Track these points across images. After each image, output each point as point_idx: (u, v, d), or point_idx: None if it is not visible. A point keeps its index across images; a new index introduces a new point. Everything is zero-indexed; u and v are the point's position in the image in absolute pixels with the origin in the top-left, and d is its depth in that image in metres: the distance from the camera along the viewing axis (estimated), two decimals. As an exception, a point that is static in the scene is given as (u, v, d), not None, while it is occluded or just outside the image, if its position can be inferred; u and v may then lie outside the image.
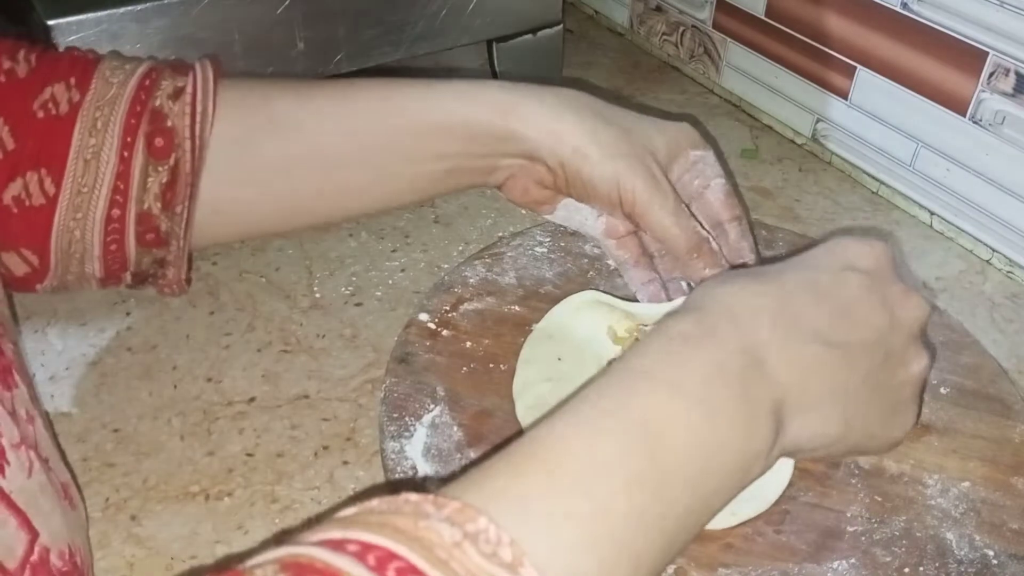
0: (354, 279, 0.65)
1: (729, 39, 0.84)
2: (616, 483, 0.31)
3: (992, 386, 0.53)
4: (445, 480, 0.32)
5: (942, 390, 0.52)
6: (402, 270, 0.66)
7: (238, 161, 0.49)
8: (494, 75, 0.79)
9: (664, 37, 0.92)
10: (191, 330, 0.60)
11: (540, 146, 0.48)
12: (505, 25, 0.75)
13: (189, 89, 0.48)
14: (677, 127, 0.52)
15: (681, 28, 0.89)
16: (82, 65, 0.48)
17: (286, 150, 0.49)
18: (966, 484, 0.47)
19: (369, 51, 0.69)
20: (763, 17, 0.80)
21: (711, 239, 0.50)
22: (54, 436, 0.48)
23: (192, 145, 0.47)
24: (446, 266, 0.65)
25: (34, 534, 0.36)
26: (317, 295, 0.63)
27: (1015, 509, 0.46)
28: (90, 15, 0.58)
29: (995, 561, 0.44)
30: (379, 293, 0.64)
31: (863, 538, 0.45)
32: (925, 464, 0.48)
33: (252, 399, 0.56)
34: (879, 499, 0.46)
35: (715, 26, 0.85)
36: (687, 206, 0.50)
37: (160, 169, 0.47)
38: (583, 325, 0.53)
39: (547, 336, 0.53)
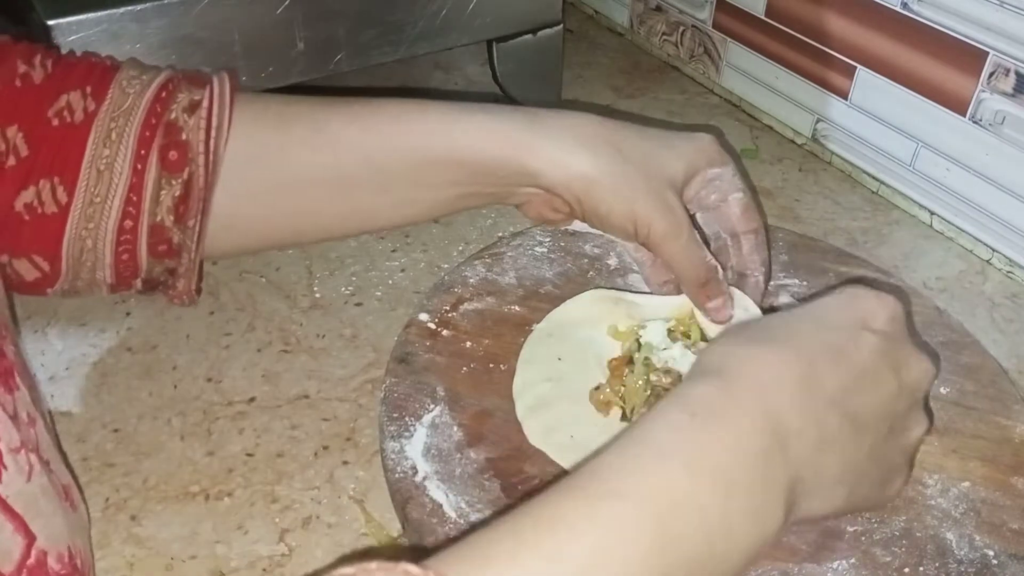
0: (354, 279, 0.65)
1: (729, 39, 0.84)
2: (618, 572, 0.30)
3: (992, 386, 0.53)
4: (436, 548, 0.30)
5: (942, 390, 0.52)
6: (402, 270, 0.66)
7: (252, 178, 0.49)
8: (494, 75, 0.79)
9: (664, 37, 0.92)
10: (191, 330, 0.60)
11: (556, 183, 0.48)
12: (505, 25, 0.75)
13: (205, 104, 0.47)
14: (696, 147, 0.51)
15: (681, 28, 0.89)
16: (99, 73, 0.47)
17: (300, 171, 0.49)
18: (966, 484, 0.47)
19: (369, 51, 0.69)
20: (763, 17, 0.80)
21: (719, 269, 0.50)
22: (56, 437, 0.48)
23: (206, 160, 0.47)
24: (446, 266, 0.65)
25: (31, 538, 0.36)
26: (317, 295, 0.63)
27: (1015, 509, 0.46)
28: (90, 15, 0.58)
29: (995, 561, 0.44)
30: (379, 293, 0.64)
31: (863, 538, 0.45)
32: (925, 464, 0.48)
33: (252, 399, 0.56)
34: (879, 499, 0.46)
35: (715, 26, 0.85)
36: (698, 221, 0.50)
37: (173, 182, 0.47)
38: (584, 325, 0.53)
39: (547, 335, 0.54)
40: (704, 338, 0.51)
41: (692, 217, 0.51)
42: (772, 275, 0.55)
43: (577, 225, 0.52)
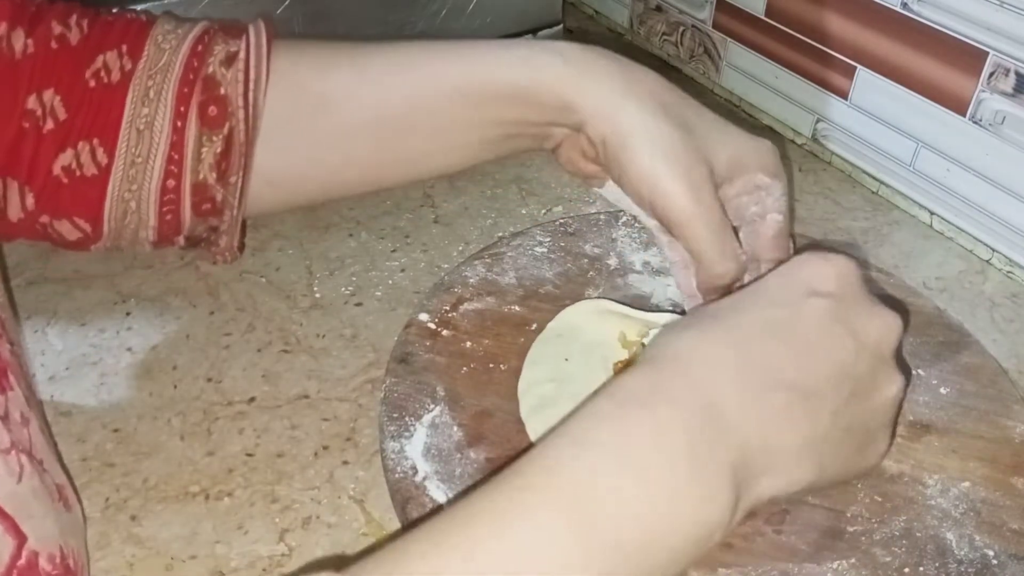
0: (354, 279, 0.65)
1: (729, 39, 0.84)
2: (537, 567, 0.30)
3: (992, 386, 0.53)
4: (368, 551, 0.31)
5: (942, 390, 0.52)
6: (402, 270, 0.66)
7: (292, 131, 0.48)
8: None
9: (664, 37, 0.92)
10: (191, 330, 0.60)
11: (586, 119, 0.45)
12: (505, 25, 0.75)
13: (242, 55, 0.46)
14: (752, 145, 0.47)
15: (681, 28, 0.89)
16: (135, 30, 0.46)
17: (343, 120, 0.47)
18: (966, 484, 0.47)
19: (369, 51, 0.69)
20: (763, 17, 0.80)
21: (746, 268, 0.47)
22: (51, 437, 0.48)
23: (246, 114, 0.46)
24: (446, 266, 0.65)
25: (22, 539, 0.36)
26: (317, 295, 0.63)
27: (1015, 509, 0.46)
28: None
29: (995, 561, 0.44)
30: (379, 293, 0.64)
31: (863, 538, 0.45)
32: (925, 464, 0.48)
33: (252, 399, 0.56)
34: (879, 499, 0.46)
35: (715, 26, 0.85)
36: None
37: (214, 139, 0.46)
38: (595, 328, 0.53)
39: (556, 335, 0.53)
40: None
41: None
42: None
43: (607, 190, 0.49)
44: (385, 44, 0.49)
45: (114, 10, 0.48)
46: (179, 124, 0.45)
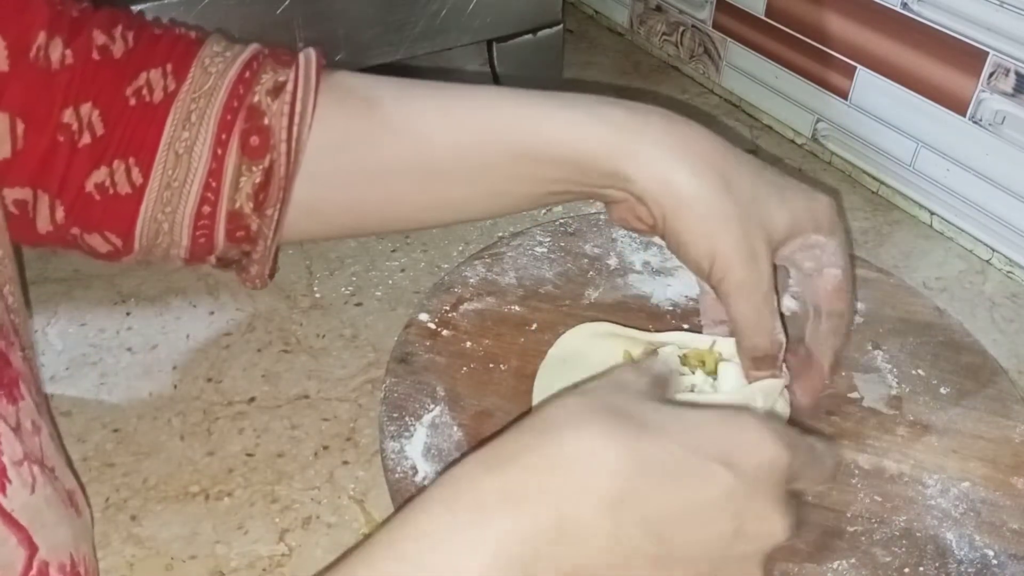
0: (354, 279, 0.65)
1: (729, 39, 0.84)
2: None
3: (992, 386, 0.53)
4: None
5: (942, 390, 0.52)
6: (402, 270, 0.66)
7: (335, 166, 0.47)
8: (494, 75, 0.79)
9: (664, 37, 0.92)
10: (191, 330, 0.60)
11: (646, 194, 0.44)
12: (505, 25, 0.75)
13: (289, 87, 0.45)
14: (807, 204, 0.45)
15: (681, 28, 0.89)
16: (182, 48, 0.46)
17: (386, 159, 0.47)
18: (966, 484, 0.47)
19: (369, 51, 0.69)
20: (763, 17, 0.79)
21: (783, 346, 0.46)
22: (60, 441, 0.48)
23: (288, 148, 0.45)
24: (446, 266, 0.65)
25: (33, 549, 0.35)
26: (317, 295, 0.63)
27: (1015, 509, 0.46)
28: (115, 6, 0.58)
29: (995, 561, 0.44)
30: (379, 293, 0.64)
31: (863, 538, 0.45)
32: (925, 464, 0.48)
33: (252, 399, 0.56)
34: (879, 499, 0.46)
35: (715, 26, 0.85)
36: (788, 283, 0.46)
37: (254, 169, 0.45)
38: (598, 350, 0.52)
39: (560, 361, 0.52)
40: (715, 368, 0.48)
41: (776, 277, 0.46)
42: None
43: (658, 241, 0.48)
44: (436, 85, 0.48)
45: (164, 22, 0.48)
46: (219, 152, 0.45)
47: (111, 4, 0.57)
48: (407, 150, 0.46)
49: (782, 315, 0.46)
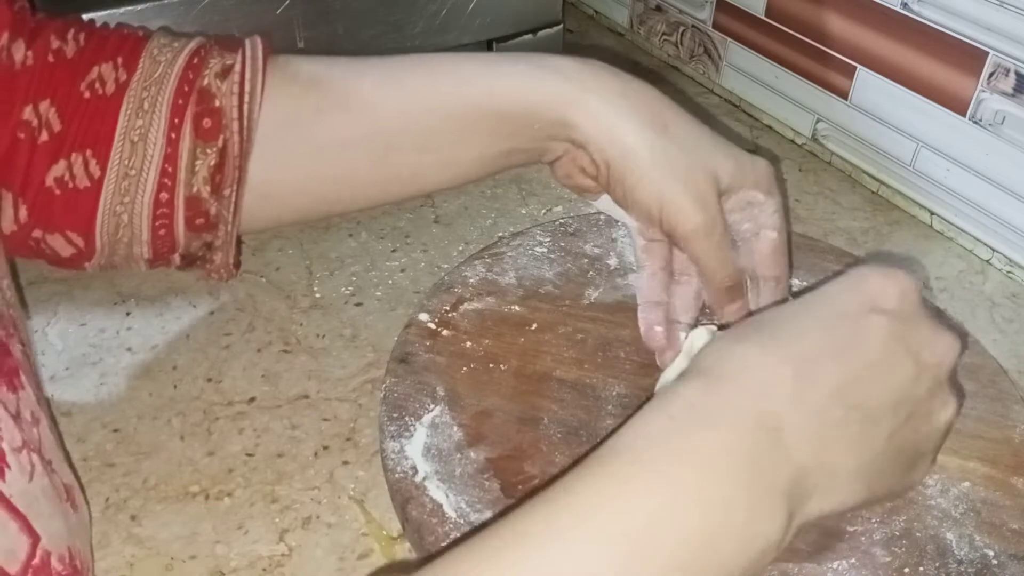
0: (354, 279, 0.65)
1: (729, 39, 0.84)
2: None
3: (992, 386, 0.53)
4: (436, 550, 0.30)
5: (942, 390, 0.52)
6: (402, 270, 0.66)
7: (287, 144, 0.47)
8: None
9: (664, 37, 0.92)
10: (191, 330, 0.60)
11: (589, 140, 0.45)
12: (505, 25, 0.75)
13: (237, 68, 0.46)
14: (750, 161, 0.48)
15: (681, 28, 0.89)
16: (131, 43, 0.46)
17: (337, 133, 0.47)
18: (966, 484, 0.47)
19: (369, 51, 0.69)
20: (763, 17, 0.80)
21: (744, 273, 0.48)
22: (59, 437, 0.48)
23: (240, 127, 0.46)
24: (446, 266, 0.65)
25: (36, 538, 0.36)
26: (317, 295, 0.63)
27: (1015, 509, 0.46)
28: (90, 15, 0.58)
29: (995, 561, 0.44)
30: (379, 293, 0.64)
31: (863, 538, 0.45)
32: (925, 464, 0.48)
33: (252, 399, 0.56)
34: (879, 499, 0.46)
35: (715, 26, 0.85)
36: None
37: (208, 151, 0.46)
38: None
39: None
40: None
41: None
42: None
43: (601, 203, 0.50)
44: (382, 58, 0.49)
45: (111, 26, 0.48)
46: (173, 136, 0.45)
47: (108, 4, 0.57)
48: (355, 123, 0.47)
49: None
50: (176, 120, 0.45)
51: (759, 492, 0.32)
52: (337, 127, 0.47)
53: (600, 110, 0.45)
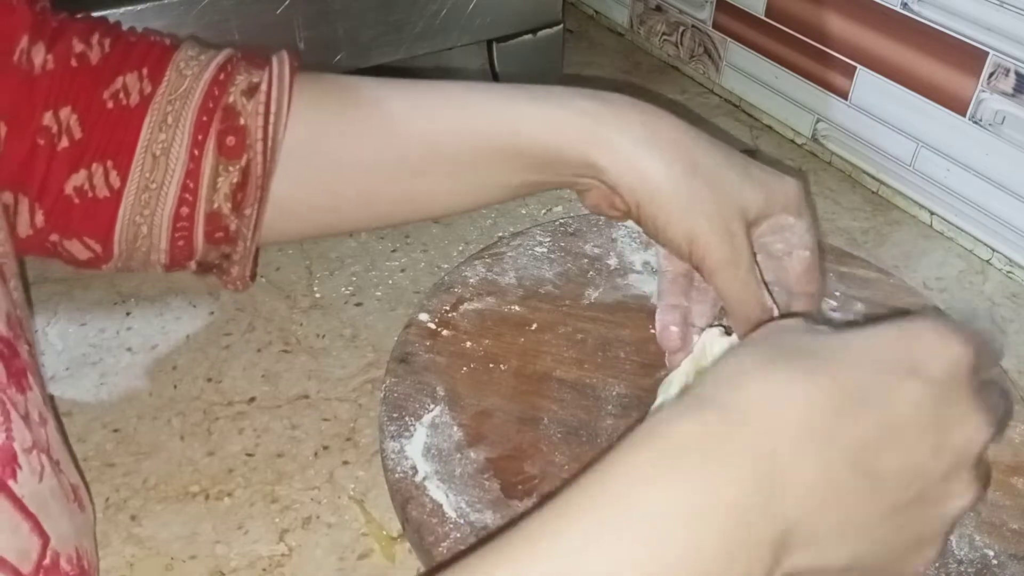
0: (354, 279, 0.65)
1: (729, 39, 0.84)
2: None
3: (992, 386, 0.52)
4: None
5: (942, 390, 0.52)
6: (402, 270, 0.66)
7: (311, 165, 0.47)
8: (494, 75, 0.79)
9: (664, 37, 0.92)
10: (191, 330, 0.60)
11: (619, 182, 0.45)
12: (505, 25, 0.75)
13: (264, 87, 0.46)
14: (778, 186, 0.47)
15: (681, 28, 0.89)
16: (157, 53, 0.46)
17: (362, 155, 0.47)
18: (966, 484, 0.47)
19: (369, 51, 0.69)
20: (763, 17, 0.80)
21: (775, 311, 0.46)
22: (65, 437, 0.48)
23: (264, 147, 0.46)
24: (446, 266, 0.65)
25: (46, 538, 0.36)
26: (317, 295, 0.63)
27: (1015, 509, 0.46)
28: (90, 15, 0.58)
29: (995, 561, 0.44)
30: (379, 293, 0.64)
31: (863, 538, 0.44)
32: (925, 464, 0.48)
33: (252, 399, 0.56)
34: (879, 499, 0.46)
35: (715, 26, 0.85)
36: (758, 262, 0.47)
37: (231, 169, 0.45)
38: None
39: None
40: None
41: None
42: None
43: (632, 225, 0.49)
44: (409, 82, 0.48)
45: (139, 31, 0.48)
46: (196, 152, 0.45)
47: (108, 4, 0.57)
48: (380, 147, 0.47)
49: (768, 286, 0.47)
50: (200, 136, 0.45)
51: (749, 543, 0.30)
52: (362, 149, 0.47)
53: (627, 152, 0.45)
